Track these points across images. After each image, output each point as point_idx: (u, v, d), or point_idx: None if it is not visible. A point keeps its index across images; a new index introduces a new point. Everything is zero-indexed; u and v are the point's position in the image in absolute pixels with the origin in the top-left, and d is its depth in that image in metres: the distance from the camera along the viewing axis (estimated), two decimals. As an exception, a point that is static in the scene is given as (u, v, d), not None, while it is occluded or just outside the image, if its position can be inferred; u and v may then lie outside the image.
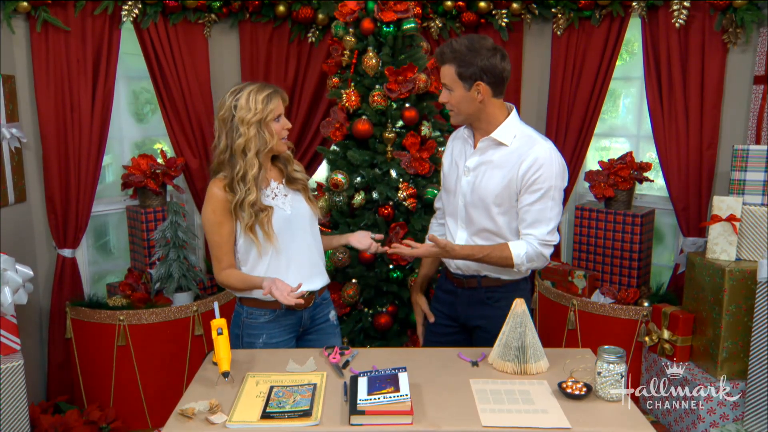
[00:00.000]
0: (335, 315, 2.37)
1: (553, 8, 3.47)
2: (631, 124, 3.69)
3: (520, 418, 1.68)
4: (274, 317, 2.19)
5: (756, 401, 2.65)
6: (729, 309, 2.74)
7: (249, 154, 2.07)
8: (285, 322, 2.20)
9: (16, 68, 3.07)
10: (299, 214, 2.20)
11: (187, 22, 3.39)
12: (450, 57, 2.08)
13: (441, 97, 2.17)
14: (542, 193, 2.09)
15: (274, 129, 2.11)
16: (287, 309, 2.18)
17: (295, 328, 2.24)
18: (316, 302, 2.26)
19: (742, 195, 2.87)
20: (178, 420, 1.68)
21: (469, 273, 2.25)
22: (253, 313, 2.19)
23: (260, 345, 2.19)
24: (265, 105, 2.08)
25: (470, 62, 2.06)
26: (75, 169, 3.18)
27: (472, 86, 2.08)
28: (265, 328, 2.19)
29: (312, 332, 2.29)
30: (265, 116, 2.08)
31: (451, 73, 2.09)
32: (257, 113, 2.06)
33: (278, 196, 2.17)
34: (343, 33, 3.11)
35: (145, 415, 3.16)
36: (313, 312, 2.26)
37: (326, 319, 2.31)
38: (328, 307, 2.33)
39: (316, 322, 2.28)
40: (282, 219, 2.14)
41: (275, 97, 2.11)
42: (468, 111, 2.13)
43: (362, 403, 1.67)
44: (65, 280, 3.26)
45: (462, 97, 2.10)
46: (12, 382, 2.48)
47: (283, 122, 2.15)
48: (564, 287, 3.37)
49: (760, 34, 3.03)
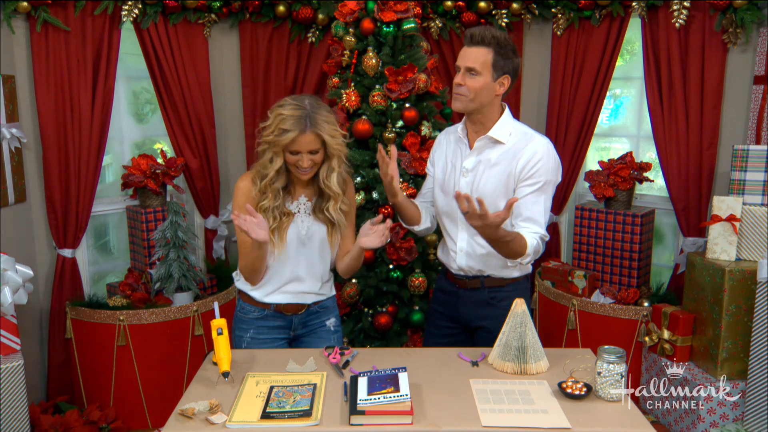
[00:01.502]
0: (336, 321, 2.33)
1: (553, 8, 3.47)
2: (631, 124, 3.69)
3: (520, 418, 1.68)
4: (263, 316, 2.21)
5: (756, 401, 2.65)
6: (729, 309, 2.74)
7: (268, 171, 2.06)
8: (273, 322, 2.22)
9: (16, 68, 3.07)
10: (313, 237, 2.17)
11: (187, 22, 3.39)
12: (492, 42, 2.05)
13: (458, 78, 2.09)
14: (539, 186, 2.09)
15: (288, 159, 2.04)
16: (275, 310, 2.21)
17: (285, 330, 2.25)
18: (310, 310, 2.25)
19: (742, 195, 2.87)
20: (178, 420, 1.68)
21: (472, 273, 2.24)
22: (244, 308, 2.24)
23: (247, 340, 2.22)
24: (280, 135, 1.99)
25: (508, 56, 2.06)
26: (75, 169, 3.18)
27: (499, 78, 2.07)
28: (253, 324, 2.22)
29: (307, 335, 2.28)
30: (275, 144, 2.02)
31: (487, 58, 2.05)
32: (273, 137, 2.01)
33: (301, 213, 2.15)
34: (343, 33, 3.11)
35: (145, 415, 3.16)
36: (305, 318, 2.26)
37: (322, 325, 2.29)
38: (326, 315, 2.30)
39: (310, 327, 2.28)
40: (295, 235, 2.14)
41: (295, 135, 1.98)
42: (483, 100, 2.10)
43: (362, 403, 1.67)
44: (65, 280, 3.25)
45: (485, 84, 2.07)
46: (12, 382, 2.48)
47: (300, 159, 2.02)
48: (564, 287, 3.37)
49: (760, 34, 3.03)
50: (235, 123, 3.70)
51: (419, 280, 3.04)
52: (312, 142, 2.00)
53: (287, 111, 2.00)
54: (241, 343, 2.23)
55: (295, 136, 1.98)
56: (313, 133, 1.99)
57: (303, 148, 2.00)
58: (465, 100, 2.10)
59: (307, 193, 2.17)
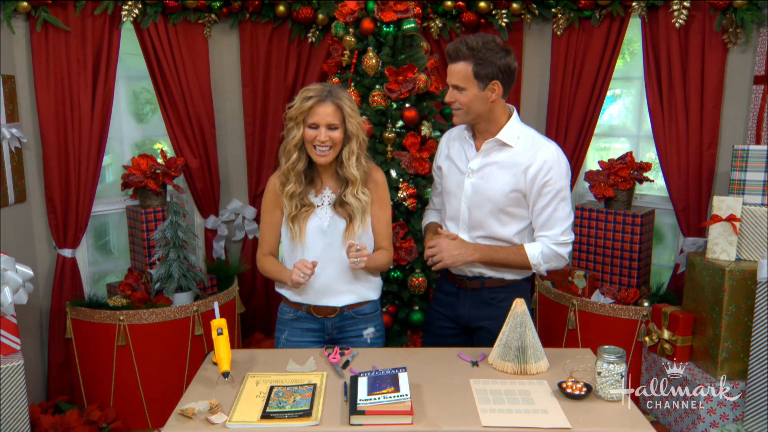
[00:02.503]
0: (375, 332, 2.26)
1: (553, 8, 3.47)
2: (631, 124, 3.69)
3: (520, 418, 1.68)
4: (296, 317, 2.22)
5: (756, 401, 2.65)
6: (729, 309, 2.74)
7: (288, 146, 2.11)
8: (307, 325, 2.22)
9: (16, 68, 3.07)
10: (337, 231, 2.14)
11: (187, 22, 3.39)
12: (467, 54, 2.02)
13: (448, 96, 2.10)
14: (553, 195, 2.09)
15: (307, 134, 2.07)
16: (307, 312, 2.20)
17: (320, 334, 2.23)
18: (345, 314, 2.21)
19: (742, 195, 2.87)
20: (178, 420, 1.68)
21: (472, 274, 2.24)
22: (282, 309, 2.27)
23: (282, 341, 2.24)
24: (301, 105, 2.06)
25: (489, 61, 2.02)
26: (75, 169, 3.18)
27: (487, 85, 2.04)
28: (288, 325, 2.23)
29: (341, 343, 2.22)
30: (297, 115, 2.07)
31: (466, 71, 2.03)
32: (295, 110, 2.08)
33: (324, 206, 2.15)
34: (343, 33, 3.11)
35: (145, 415, 3.16)
36: (339, 323, 2.22)
37: (359, 334, 2.23)
38: (364, 324, 2.24)
39: (345, 334, 2.23)
40: (316, 227, 2.14)
41: (314, 102, 2.04)
42: (478, 111, 2.09)
43: (362, 403, 1.67)
44: (65, 280, 3.26)
45: (475, 96, 2.06)
46: (12, 382, 2.48)
47: (318, 134, 2.05)
48: (564, 287, 3.37)
49: (760, 34, 3.03)
50: (235, 123, 3.70)
51: (419, 280, 3.04)
52: (331, 114, 2.04)
53: (312, 86, 2.11)
54: (278, 343, 2.26)
55: (314, 103, 2.04)
56: (334, 103, 2.05)
57: (322, 120, 2.04)
58: (461, 114, 2.12)
59: (332, 185, 2.17)
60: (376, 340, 2.26)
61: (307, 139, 2.07)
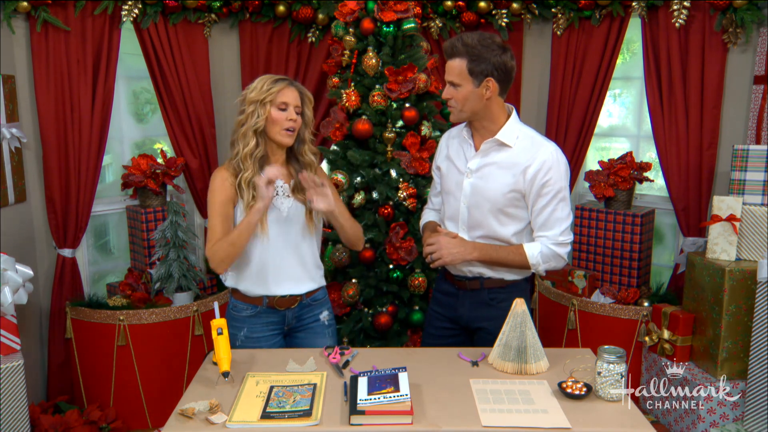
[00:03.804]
0: (329, 315, 2.34)
1: (553, 8, 3.47)
2: (631, 124, 3.69)
3: (520, 418, 1.68)
4: (256, 313, 2.21)
5: (756, 401, 2.65)
6: (729, 309, 2.74)
7: (245, 131, 2.12)
8: (267, 318, 2.22)
9: (16, 68, 3.07)
10: (293, 219, 2.18)
11: (187, 22, 3.39)
12: (462, 51, 2.04)
13: (445, 93, 2.12)
14: (552, 195, 2.10)
15: (274, 115, 2.11)
16: (269, 306, 2.20)
17: (279, 326, 2.24)
18: (303, 303, 2.25)
19: (742, 195, 2.87)
20: (178, 420, 1.68)
21: (472, 275, 2.24)
22: (237, 306, 2.24)
23: (241, 338, 2.21)
24: (270, 87, 2.10)
25: (483, 57, 2.03)
26: (75, 169, 3.18)
27: (482, 82, 2.05)
28: (246, 322, 2.22)
29: (300, 330, 2.29)
30: (264, 97, 2.09)
31: (461, 67, 2.05)
32: (260, 92, 2.10)
33: (280, 196, 2.17)
34: (343, 33, 3.11)
35: (145, 415, 3.16)
36: (299, 312, 2.26)
37: (316, 319, 2.30)
38: (319, 308, 2.31)
39: (303, 321, 2.28)
40: (275, 218, 2.15)
41: (285, 85, 2.12)
42: (473, 108, 2.10)
43: (362, 403, 1.67)
44: (65, 280, 3.26)
45: (470, 93, 2.07)
46: (12, 382, 2.47)
47: (288, 113, 2.12)
48: (564, 287, 3.37)
49: (760, 34, 3.03)
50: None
51: (419, 280, 3.04)
52: (297, 98, 2.14)
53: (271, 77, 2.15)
54: (234, 342, 2.20)
55: (283, 87, 2.11)
56: (297, 89, 2.15)
57: (291, 101, 2.12)
58: (456, 111, 2.14)
59: (282, 175, 2.19)
60: (332, 321, 2.34)
61: (275, 120, 2.10)
